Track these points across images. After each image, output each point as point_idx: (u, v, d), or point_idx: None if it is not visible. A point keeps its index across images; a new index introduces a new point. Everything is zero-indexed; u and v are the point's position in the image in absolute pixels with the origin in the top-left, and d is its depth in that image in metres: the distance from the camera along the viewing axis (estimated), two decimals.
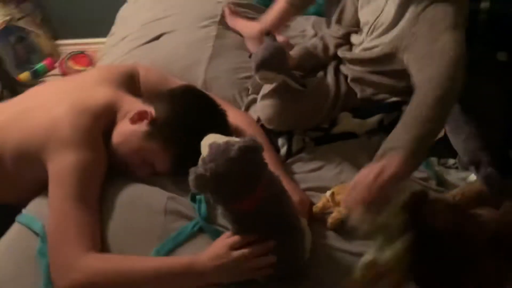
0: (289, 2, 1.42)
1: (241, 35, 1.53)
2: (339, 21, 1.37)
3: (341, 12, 1.37)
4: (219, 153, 0.83)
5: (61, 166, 0.97)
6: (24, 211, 1.03)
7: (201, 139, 0.90)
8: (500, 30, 1.24)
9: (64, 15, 2.61)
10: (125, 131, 1.08)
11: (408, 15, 1.10)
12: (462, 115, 1.09)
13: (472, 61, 0.98)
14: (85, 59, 2.71)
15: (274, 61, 1.15)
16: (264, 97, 1.24)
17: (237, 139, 0.88)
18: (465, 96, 1.03)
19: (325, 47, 1.34)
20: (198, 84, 1.34)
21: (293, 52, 1.34)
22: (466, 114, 1.09)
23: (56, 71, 2.67)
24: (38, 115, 1.05)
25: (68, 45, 2.75)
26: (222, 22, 1.56)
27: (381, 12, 1.19)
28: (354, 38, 1.31)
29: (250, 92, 1.30)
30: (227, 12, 1.57)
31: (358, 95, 1.25)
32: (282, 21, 1.49)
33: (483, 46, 1.25)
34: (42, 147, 1.00)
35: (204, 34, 1.49)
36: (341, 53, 1.31)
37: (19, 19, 2.53)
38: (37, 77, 2.60)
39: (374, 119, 1.24)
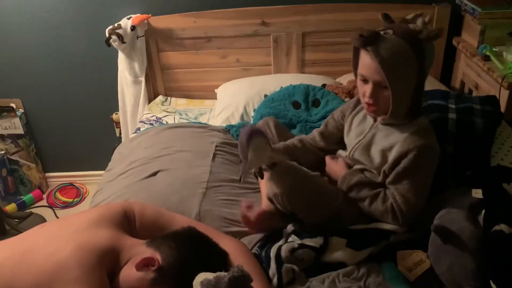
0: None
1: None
2: (322, 134, 1.54)
3: (326, 126, 1.54)
4: None
5: None
6: None
7: None
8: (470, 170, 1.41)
9: (54, 149, 2.75)
10: (132, 277, 1.08)
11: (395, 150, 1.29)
12: (442, 246, 1.17)
13: (449, 199, 1.11)
14: (73, 191, 2.78)
15: (261, 131, 1.26)
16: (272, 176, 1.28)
17: (225, 273, 0.92)
18: (444, 228, 1.13)
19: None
20: (192, 216, 1.40)
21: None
22: (446, 245, 1.18)
23: (43, 202, 2.71)
24: (41, 259, 1.05)
25: (57, 177, 2.85)
26: (215, 160, 1.68)
27: (364, 137, 1.37)
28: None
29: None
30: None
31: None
32: None
33: (458, 186, 1.40)
34: None
35: (199, 171, 1.60)
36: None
37: (13, 153, 2.64)
38: (24, 208, 2.63)
39: (366, 252, 1.28)
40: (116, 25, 2.22)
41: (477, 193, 1.32)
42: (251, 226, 1.39)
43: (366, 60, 1.23)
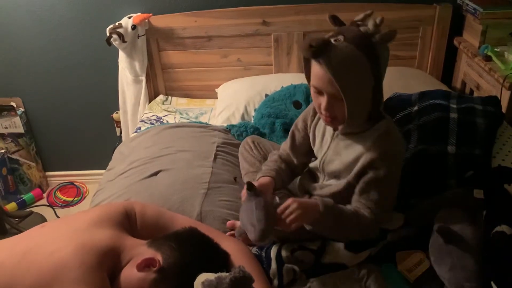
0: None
1: None
2: (292, 148, 1.48)
3: (292, 138, 1.47)
4: None
5: None
6: None
7: None
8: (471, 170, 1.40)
9: (54, 148, 2.75)
10: (133, 278, 1.08)
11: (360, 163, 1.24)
12: (444, 247, 1.17)
13: (450, 199, 1.10)
14: (73, 190, 2.78)
15: (271, 224, 1.17)
16: None
17: (227, 274, 0.92)
18: (447, 229, 1.13)
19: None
20: (193, 216, 1.40)
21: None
22: (448, 246, 1.18)
23: (43, 201, 2.71)
24: (42, 259, 1.05)
25: (57, 176, 2.85)
26: (216, 160, 1.68)
27: (328, 147, 1.33)
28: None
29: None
30: None
31: None
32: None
33: (459, 186, 1.40)
34: None
35: (200, 172, 1.59)
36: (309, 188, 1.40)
37: (14, 152, 2.64)
38: (24, 207, 2.63)
39: (366, 253, 1.28)
40: (116, 24, 2.22)
41: (479, 194, 1.33)
42: None
43: (318, 71, 1.14)
